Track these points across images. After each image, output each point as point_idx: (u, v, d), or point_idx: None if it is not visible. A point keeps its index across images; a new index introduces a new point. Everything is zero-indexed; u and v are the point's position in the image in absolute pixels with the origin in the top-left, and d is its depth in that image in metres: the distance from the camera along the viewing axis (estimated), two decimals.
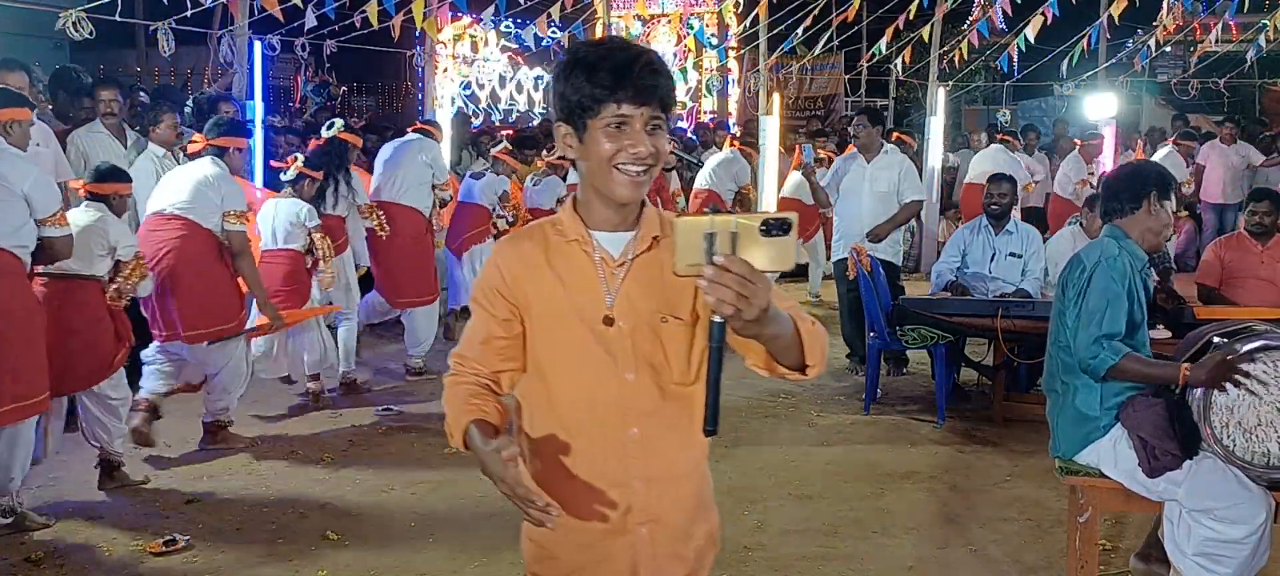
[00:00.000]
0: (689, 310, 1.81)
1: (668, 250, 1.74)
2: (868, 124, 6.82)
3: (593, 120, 1.71)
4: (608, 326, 1.80)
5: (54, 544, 4.07)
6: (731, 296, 1.48)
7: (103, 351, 4.49)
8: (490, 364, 1.88)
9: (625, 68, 1.69)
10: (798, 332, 1.68)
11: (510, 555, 4.00)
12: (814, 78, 17.55)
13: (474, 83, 13.93)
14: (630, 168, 1.72)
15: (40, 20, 9.71)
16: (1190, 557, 3.17)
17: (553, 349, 1.85)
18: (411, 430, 5.63)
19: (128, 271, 4.56)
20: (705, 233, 1.49)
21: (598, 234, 1.81)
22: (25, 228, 3.95)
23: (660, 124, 1.73)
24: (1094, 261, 3.31)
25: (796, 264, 1.62)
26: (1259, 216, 5.77)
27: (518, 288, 1.84)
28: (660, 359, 1.82)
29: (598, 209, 1.81)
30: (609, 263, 1.81)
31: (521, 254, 1.86)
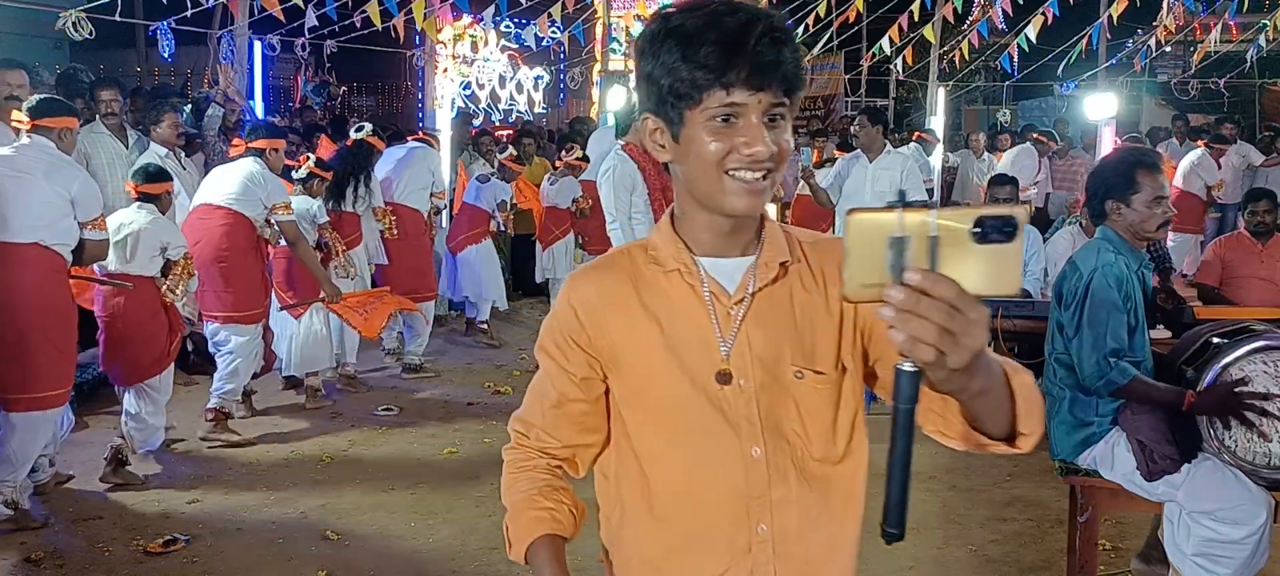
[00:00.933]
0: (832, 358, 1.41)
1: (804, 278, 1.41)
2: (868, 124, 6.82)
3: (692, 111, 1.30)
4: (723, 384, 1.39)
5: (54, 544, 4.07)
6: (932, 333, 1.01)
7: (159, 346, 4.78)
8: (563, 435, 1.49)
9: (737, 40, 1.26)
10: (1008, 385, 1.23)
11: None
12: (814, 78, 17.55)
13: (474, 83, 13.93)
14: (745, 174, 1.31)
15: (40, 20, 9.71)
16: (1190, 558, 3.16)
17: (648, 416, 1.43)
18: (411, 430, 5.63)
19: (178, 271, 4.83)
20: (891, 237, 1.03)
21: (705, 261, 1.40)
22: (69, 228, 4.19)
23: (783, 113, 1.31)
24: (1090, 270, 3.26)
25: None
26: (1259, 216, 5.76)
27: (600, 334, 1.43)
28: (795, 427, 1.40)
29: (703, 228, 1.39)
30: (722, 298, 1.40)
31: (603, 288, 1.44)
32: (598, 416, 1.48)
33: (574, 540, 1.50)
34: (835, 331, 1.41)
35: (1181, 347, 3.37)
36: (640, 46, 1.36)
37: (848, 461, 1.43)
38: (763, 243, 1.42)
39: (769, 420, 1.39)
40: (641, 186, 5.15)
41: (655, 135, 1.37)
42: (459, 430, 5.63)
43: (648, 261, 1.44)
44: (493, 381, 6.69)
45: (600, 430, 1.49)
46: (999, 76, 16.61)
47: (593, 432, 1.49)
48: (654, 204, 5.17)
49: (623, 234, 5.11)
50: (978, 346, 1.04)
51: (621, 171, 5.15)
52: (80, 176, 4.32)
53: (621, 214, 5.12)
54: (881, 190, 6.65)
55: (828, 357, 1.40)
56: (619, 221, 5.11)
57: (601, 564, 1.55)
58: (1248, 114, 17.53)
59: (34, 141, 4.22)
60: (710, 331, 1.39)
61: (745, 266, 1.41)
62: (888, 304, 1.02)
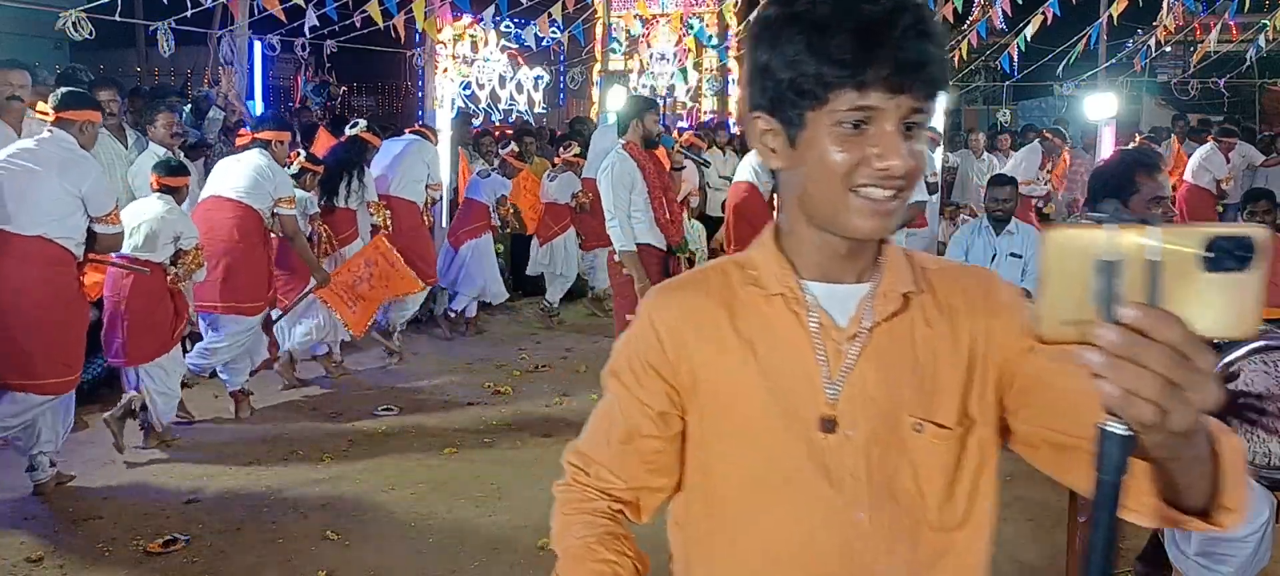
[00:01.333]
0: (957, 409, 1.20)
1: (927, 312, 1.22)
2: None
3: (815, 112, 1.11)
4: (827, 433, 1.19)
5: (54, 543, 4.07)
6: (1153, 386, 0.82)
7: (164, 328, 5.01)
8: (630, 475, 1.30)
9: (877, 31, 1.06)
10: (1214, 452, 1.01)
11: (509, 555, 4.00)
12: None
13: (474, 83, 13.94)
14: (874, 191, 1.12)
15: (40, 20, 9.72)
16: (1191, 557, 3.16)
17: (733, 464, 1.23)
18: (411, 430, 5.63)
19: (187, 260, 5.05)
20: (1098, 261, 0.83)
21: (814, 286, 1.21)
22: (77, 223, 4.33)
23: (923, 119, 1.12)
24: None
25: None
26: (1258, 216, 5.77)
27: (683, 361, 1.24)
28: (910, 487, 1.19)
29: (814, 248, 1.20)
30: (832, 332, 1.20)
31: (691, 309, 1.25)
32: (671, 456, 1.28)
33: None
34: (963, 376, 1.20)
35: None
36: (755, 32, 1.15)
37: (968, 528, 1.21)
38: (882, 268, 1.21)
39: (879, 478, 1.18)
40: (641, 184, 5.16)
41: (766, 138, 1.18)
42: (459, 430, 5.63)
43: (745, 282, 1.24)
44: (493, 381, 6.68)
45: (673, 472, 1.29)
46: (999, 76, 16.60)
47: (664, 475, 1.30)
48: (654, 202, 5.18)
49: (621, 231, 5.12)
50: (1208, 403, 0.84)
51: (621, 169, 5.16)
52: (93, 173, 4.41)
53: (620, 211, 5.13)
54: None
55: (952, 408, 1.19)
56: (618, 219, 5.13)
57: None
58: (1248, 114, 17.54)
59: (55, 135, 4.35)
60: (815, 369, 1.19)
61: (861, 295, 1.21)
62: (1096, 347, 0.82)
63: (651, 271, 5.18)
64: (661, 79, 15.64)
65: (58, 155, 4.29)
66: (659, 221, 5.20)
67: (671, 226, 5.26)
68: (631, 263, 5.12)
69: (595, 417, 1.36)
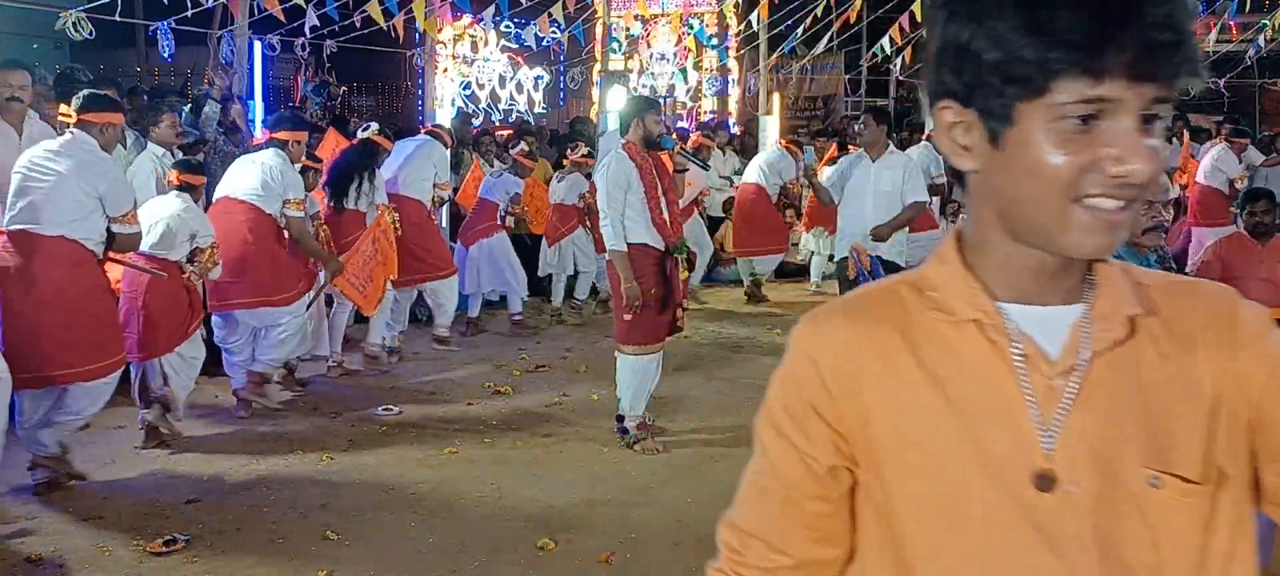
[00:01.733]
0: (1200, 459, 0.97)
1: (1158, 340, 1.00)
2: (874, 123, 6.82)
3: (1030, 104, 0.90)
4: (1044, 491, 0.96)
5: (54, 543, 4.07)
6: None
7: (178, 322, 5.15)
8: (795, 546, 1.07)
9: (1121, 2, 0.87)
10: None
11: (510, 555, 4.00)
12: (814, 78, 17.56)
13: (474, 83, 13.94)
14: (1105, 202, 0.92)
15: (40, 20, 9.73)
16: None
17: (925, 531, 1.00)
18: (411, 430, 5.63)
19: (204, 257, 5.19)
20: None
21: (1013, 309, 0.99)
22: (96, 223, 4.47)
23: (1166, 111, 0.94)
24: None
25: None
26: (1257, 216, 5.76)
27: (853, 404, 1.02)
28: (1146, 557, 0.96)
29: (1014, 265, 0.99)
30: (1041, 365, 0.98)
31: (858, 339, 1.04)
32: (841, 521, 1.06)
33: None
34: (1205, 419, 0.98)
35: None
36: (948, 4, 0.94)
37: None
38: (1096, 286, 1.00)
39: (1109, 545, 0.95)
40: (638, 185, 5.16)
41: (954, 132, 0.97)
42: (459, 430, 5.63)
43: (925, 306, 1.02)
44: (493, 382, 6.68)
45: (843, 541, 1.07)
46: None
47: (833, 544, 1.07)
48: (650, 203, 5.18)
49: (612, 231, 5.13)
50: None
51: (617, 169, 5.16)
52: (111, 174, 4.57)
53: (614, 211, 5.14)
54: (884, 190, 6.65)
55: (1195, 457, 0.97)
56: (611, 218, 5.13)
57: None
58: (1248, 114, 17.52)
59: (76, 137, 4.47)
60: (1024, 412, 0.97)
61: (1071, 320, 0.99)
62: None
63: (648, 272, 5.18)
64: (661, 79, 15.64)
65: (77, 156, 4.42)
66: (656, 222, 5.19)
67: (669, 227, 5.25)
68: (620, 262, 5.12)
69: (747, 482, 1.12)
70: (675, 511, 4.46)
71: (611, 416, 5.48)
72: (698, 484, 4.80)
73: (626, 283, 5.11)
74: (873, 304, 1.06)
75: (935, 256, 1.06)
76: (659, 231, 5.21)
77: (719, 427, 5.72)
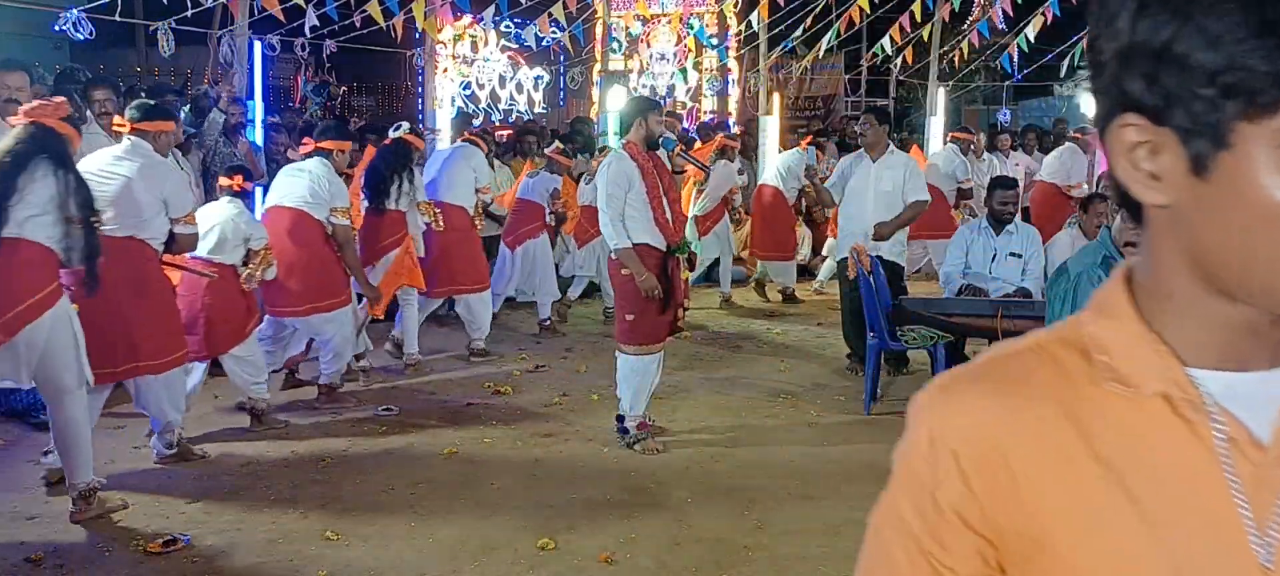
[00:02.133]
0: None
1: None
2: (876, 123, 6.82)
3: (1255, 123, 0.71)
4: None
5: (54, 543, 4.07)
6: None
7: (238, 322, 5.39)
8: None
9: None
10: None
11: (509, 554, 4.00)
12: (814, 78, 17.56)
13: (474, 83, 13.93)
14: None
15: (40, 20, 9.73)
16: None
17: None
18: (411, 430, 5.63)
19: (258, 260, 5.41)
20: None
21: (1208, 377, 0.78)
22: (161, 224, 4.73)
23: None
24: (1078, 273, 3.27)
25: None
26: None
27: (1007, 503, 0.81)
28: None
29: (1213, 323, 0.78)
30: (1250, 451, 0.77)
31: (1011, 421, 0.81)
32: None
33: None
34: None
35: None
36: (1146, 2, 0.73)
37: None
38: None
39: None
40: (639, 185, 5.16)
41: (1138, 154, 0.76)
42: (459, 430, 5.64)
43: (1094, 376, 0.81)
44: (493, 381, 6.69)
45: None
46: (999, 76, 16.60)
47: None
48: (652, 202, 5.19)
49: (613, 229, 5.13)
50: None
51: (618, 169, 5.16)
52: (173, 177, 4.87)
53: (613, 211, 5.14)
54: (884, 190, 6.66)
55: None
56: (611, 217, 5.14)
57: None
58: None
59: (136, 143, 4.72)
60: (1231, 513, 0.76)
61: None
62: None
63: (650, 271, 5.18)
64: (661, 79, 15.64)
65: (141, 161, 4.68)
66: (658, 221, 5.20)
67: (670, 227, 5.26)
68: (628, 257, 5.13)
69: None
70: (675, 511, 4.47)
71: (611, 416, 5.48)
72: (698, 484, 4.80)
73: (639, 275, 5.11)
74: (1023, 371, 0.83)
75: (1100, 309, 0.83)
76: (660, 231, 5.21)
77: (719, 427, 5.72)
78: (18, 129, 4.16)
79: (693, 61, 15.32)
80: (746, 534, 4.22)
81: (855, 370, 6.86)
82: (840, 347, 7.25)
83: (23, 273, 4.03)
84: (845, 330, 7.08)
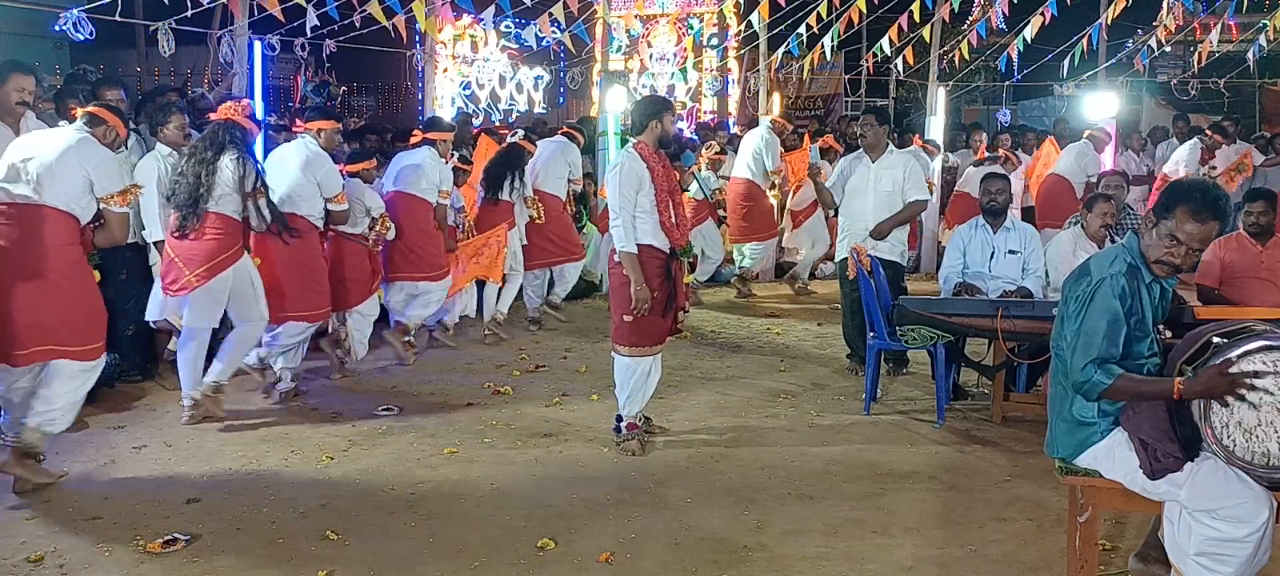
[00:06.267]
0: None
1: None
2: (875, 124, 6.81)
3: None
4: None
5: (54, 543, 4.07)
6: None
7: (364, 282, 6.63)
8: None
9: None
10: None
11: (510, 555, 4.00)
12: (814, 78, 17.55)
13: (474, 82, 13.93)
14: None
15: (40, 20, 9.72)
16: (1192, 558, 3.17)
17: None
18: (411, 430, 5.63)
19: (379, 226, 6.63)
20: None
21: None
22: (319, 203, 6.04)
23: None
24: (1100, 277, 3.26)
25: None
26: (1255, 216, 5.76)
27: None
28: None
29: None
30: None
31: None
32: None
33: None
34: None
35: (1182, 348, 3.38)
36: None
37: None
38: None
39: None
40: (649, 185, 5.15)
41: None
42: (459, 430, 5.63)
43: None
44: (493, 381, 6.69)
45: None
46: (999, 76, 16.59)
47: None
48: (659, 205, 5.18)
49: (624, 232, 5.11)
50: None
51: (629, 169, 5.14)
52: (327, 166, 6.04)
53: (625, 212, 5.12)
54: (884, 190, 6.67)
55: None
56: (623, 219, 5.12)
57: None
58: (1248, 114, 17.53)
59: (304, 139, 6.07)
60: None
61: None
62: None
63: (653, 273, 5.18)
64: (661, 79, 15.64)
65: (303, 154, 5.98)
66: (664, 224, 5.19)
67: (677, 230, 5.25)
68: (630, 264, 5.12)
69: None
70: (675, 511, 4.47)
71: (612, 416, 5.48)
72: (698, 484, 4.80)
73: (636, 286, 5.10)
74: None
75: None
76: (667, 233, 5.20)
77: (719, 427, 5.72)
78: (212, 126, 5.49)
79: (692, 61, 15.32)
80: (746, 534, 4.22)
81: (855, 370, 6.86)
82: (840, 347, 7.25)
83: (217, 236, 5.38)
84: (845, 330, 7.08)
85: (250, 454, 5.19)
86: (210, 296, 5.44)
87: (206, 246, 5.36)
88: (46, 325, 4.52)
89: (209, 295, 5.43)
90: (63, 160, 4.51)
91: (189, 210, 5.32)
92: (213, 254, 5.36)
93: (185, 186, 5.33)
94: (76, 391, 4.67)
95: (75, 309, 4.61)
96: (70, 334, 4.57)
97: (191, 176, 5.32)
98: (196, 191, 5.32)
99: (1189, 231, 3.21)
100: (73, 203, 4.55)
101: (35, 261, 4.49)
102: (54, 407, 4.60)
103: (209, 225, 5.36)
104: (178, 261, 5.39)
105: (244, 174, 5.38)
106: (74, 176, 4.54)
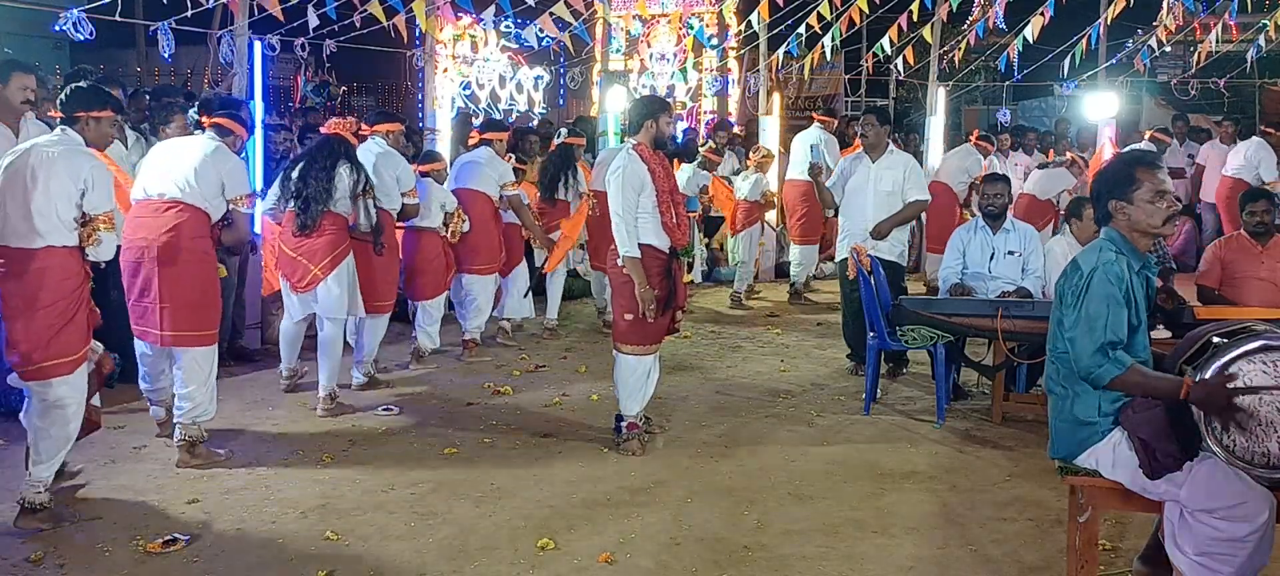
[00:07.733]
0: None
1: None
2: (877, 124, 6.81)
3: None
4: None
5: (54, 543, 4.07)
6: None
7: (439, 275, 7.08)
8: None
9: None
10: None
11: (510, 555, 4.00)
12: (814, 77, 17.53)
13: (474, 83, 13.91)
14: None
15: (40, 20, 9.72)
16: (1192, 557, 3.16)
17: None
18: (411, 430, 5.63)
19: (454, 220, 7.03)
20: None
21: None
22: (396, 197, 6.40)
23: None
24: (1092, 267, 3.29)
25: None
26: (1257, 216, 5.76)
27: None
28: None
29: None
30: None
31: None
32: None
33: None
34: None
35: (1182, 348, 3.38)
36: None
37: None
38: None
39: None
40: (650, 187, 5.14)
41: None
42: (459, 430, 5.64)
43: None
44: (493, 381, 6.69)
45: None
46: (999, 76, 16.58)
47: None
48: (661, 205, 5.17)
49: (626, 234, 5.11)
50: None
51: (631, 170, 5.14)
52: (400, 163, 6.46)
53: (628, 214, 5.12)
54: (885, 190, 6.67)
55: None
56: (625, 221, 5.11)
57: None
58: (1248, 114, 17.50)
59: (378, 141, 6.45)
60: None
61: None
62: None
63: (654, 273, 5.18)
64: (661, 79, 15.62)
65: (376, 153, 6.37)
66: (665, 225, 5.19)
67: (676, 230, 5.25)
68: (633, 267, 5.11)
69: None
70: (675, 511, 4.47)
71: (611, 416, 5.48)
72: (698, 484, 4.80)
73: (640, 288, 5.10)
74: None
75: None
76: (667, 233, 5.20)
77: (719, 427, 5.72)
78: (321, 139, 6.08)
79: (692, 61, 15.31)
80: (746, 534, 4.22)
81: (855, 370, 6.86)
82: (840, 347, 7.25)
83: (333, 232, 5.91)
84: (845, 330, 7.08)
85: (250, 454, 5.19)
86: (339, 284, 5.95)
87: (326, 240, 5.89)
88: (180, 311, 4.97)
89: (338, 284, 5.94)
90: (203, 165, 5.00)
91: (309, 213, 5.83)
92: (333, 246, 5.91)
93: (313, 190, 5.82)
94: (206, 376, 5.05)
95: (204, 296, 5.07)
96: (192, 319, 5.00)
97: (316, 183, 5.82)
98: (321, 197, 5.82)
99: (1160, 180, 3.32)
100: (208, 202, 5.04)
101: (180, 252, 4.99)
102: (193, 398, 4.99)
103: (326, 223, 5.88)
104: (301, 260, 5.90)
105: (357, 179, 5.96)
106: (210, 179, 5.02)
